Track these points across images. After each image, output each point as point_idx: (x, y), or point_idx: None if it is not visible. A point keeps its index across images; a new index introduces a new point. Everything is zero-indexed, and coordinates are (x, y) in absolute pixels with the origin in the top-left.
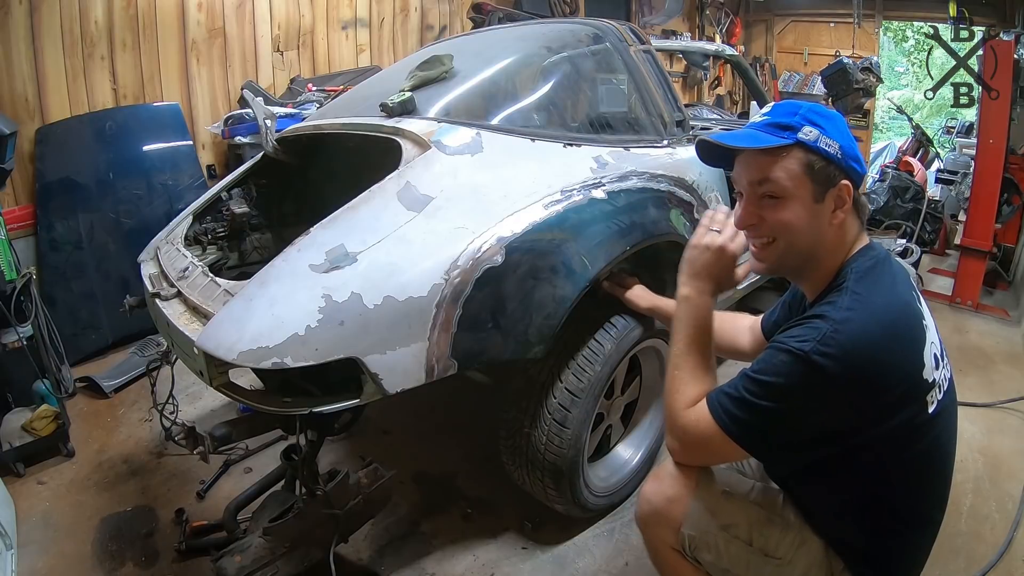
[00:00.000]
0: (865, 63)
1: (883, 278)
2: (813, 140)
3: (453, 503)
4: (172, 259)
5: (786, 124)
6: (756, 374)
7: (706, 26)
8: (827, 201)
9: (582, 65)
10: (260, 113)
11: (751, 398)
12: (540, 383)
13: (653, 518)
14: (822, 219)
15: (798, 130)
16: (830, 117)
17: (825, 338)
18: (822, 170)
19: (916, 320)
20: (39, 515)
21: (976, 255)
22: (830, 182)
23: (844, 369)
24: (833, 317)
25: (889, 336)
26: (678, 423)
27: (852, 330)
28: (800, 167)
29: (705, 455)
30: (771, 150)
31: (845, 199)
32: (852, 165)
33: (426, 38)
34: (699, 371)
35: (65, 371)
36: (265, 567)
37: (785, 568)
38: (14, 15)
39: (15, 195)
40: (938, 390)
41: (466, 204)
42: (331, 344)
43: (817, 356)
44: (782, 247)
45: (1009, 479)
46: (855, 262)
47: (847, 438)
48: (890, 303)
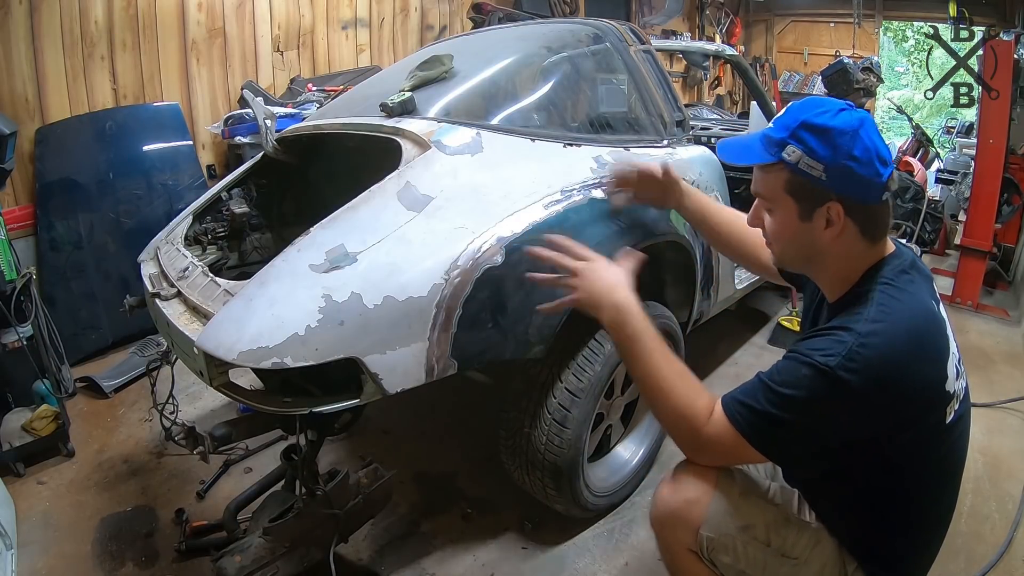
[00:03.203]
0: (865, 63)
1: (909, 287)
2: (794, 162)
3: (453, 503)
4: (172, 259)
5: (777, 140)
6: (779, 386)
7: (706, 26)
8: (815, 220)
9: (582, 65)
10: (260, 113)
11: (773, 410)
12: (540, 383)
13: (671, 520)
14: (814, 236)
15: (783, 148)
16: (826, 131)
17: (851, 353)
18: (806, 191)
19: (941, 332)
20: (39, 515)
21: (976, 255)
22: (816, 202)
23: (869, 384)
24: (859, 330)
25: (915, 350)
26: (701, 437)
27: (878, 345)
28: (782, 186)
29: (724, 461)
30: (763, 164)
31: (834, 220)
32: (848, 184)
33: (426, 38)
34: (687, 377)
35: (65, 371)
36: (265, 567)
37: (801, 568)
38: (14, 15)
39: (15, 195)
40: (956, 400)
41: (466, 204)
42: (331, 344)
43: (843, 372)
44: (778, 251)
45: (1009, 479)
46: (880, 270)
47: (867, 447)
48: (916, 316)
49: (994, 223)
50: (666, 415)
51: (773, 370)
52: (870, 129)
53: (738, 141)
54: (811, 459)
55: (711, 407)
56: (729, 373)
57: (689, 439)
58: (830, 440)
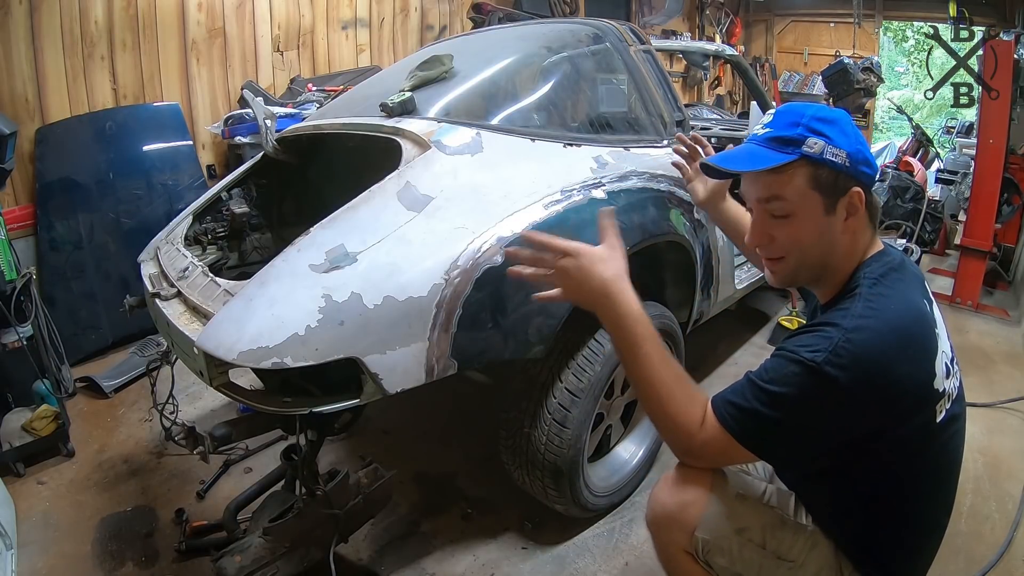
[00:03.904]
0: (865, 63)
1: (897, 285)
2: (818, 153)
3: (453, 503)
4: (172, 259)
5: (789, 137)
6: (766, 384)
7: (706, 26)
8: (838, 211)
9: (582, 65)
10: (260, 113)
11: (761, 408)
12: (540, 383)
13: (666, 522)
14: (834, 230)
15: (802, 143)
16: (834, 121)
17: (837, 348)
18: (830, 181)
19: (929, 329)
20: (39, 515)
21: (976, 255)
22: (840, 191)
23: (855, 380)
24: (845, 326)
25: (901, 346)
26: (695, 443)
27: (864, 340)
28: (807, 182)
29: (716, 462)
30: (776, 167)
31: (857, 206)
32: (863, 170)
33: (426, 38)
34: (684, 381)
35: (65, 371)
36: (265, 567)
37: (797, 571)
38: (14, 15)
39: (15, 195)
40: (947, 399)
41: (466, 204)
42: (331, 344)
43: (829, 367)
44: (793, 264)
45: (1009, 479)
46: (868, 267)
47: (858, 446)
48: (903, 312)
49: (994, 223)
50: (660, 417)
51: (761, 369)
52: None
53: (738, 151)
54: (801, 458)
55: (704, 412)
56: (729, 373)
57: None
58: (819, 437)
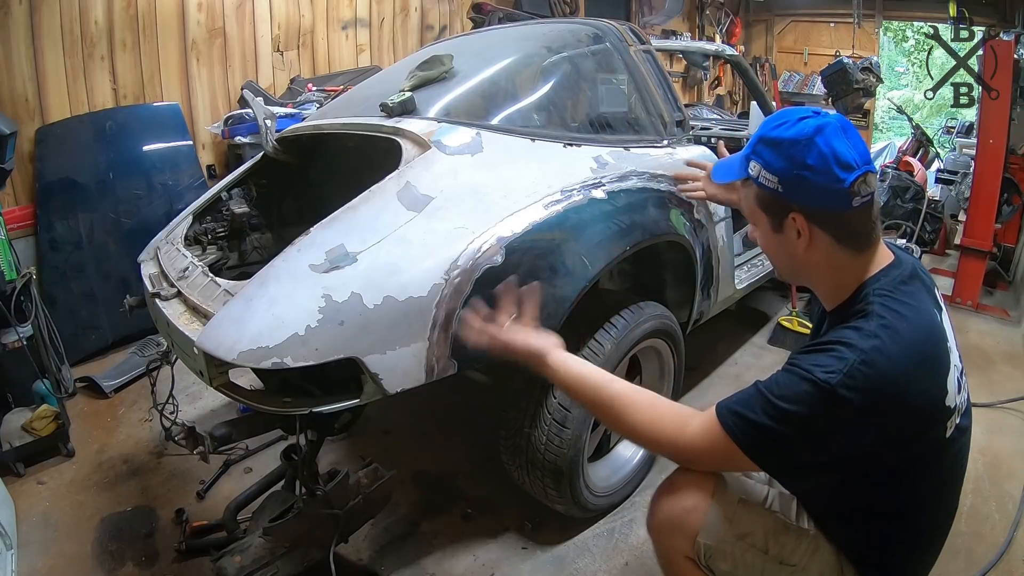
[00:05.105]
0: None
1: (911, 301)
2: (755, 176)
3: (453, 503)
4: (172, 259)
5: (745, 155)
6: (776, 399)
7: (706, 26)
8: (786, 231)
9: (582, 65)
10: (260, 113)
11: (771, 423)
12: (540, 383)
13: (668, 527)
14: (789, 247)
15: (748, 164)
16: (779, 143)
17: (852, 371)
18: (771, 203)
19: (942, 345)
20: (39, 515)
21: (976, 255)
22: (781, 214)
23: (870, 402)
24: (860, 347)
25: (915, 367)
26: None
27: (880, 363)
28: (754, 200)
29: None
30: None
31: (801, 230)
32: (805, 193)
33: (426, 38)
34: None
35: (65, 371)
36: (265, 567)
37: (800, 575)
38: (14, 15)
39: (15, 195)
40: (957, 414)
41: (466, 204)
42: (331, 344)
43: (844, 390)
44: (771, 263)
45: (1009, 479)
46: (878, 282)
47: (865, 460)
48: (917, 330)
49: (994, 223)
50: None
51: (772, 382)
52: (830, 135)
53: (728, 159)
54: (806, 471)
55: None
56: (729, 373)
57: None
58: (827, 454)
